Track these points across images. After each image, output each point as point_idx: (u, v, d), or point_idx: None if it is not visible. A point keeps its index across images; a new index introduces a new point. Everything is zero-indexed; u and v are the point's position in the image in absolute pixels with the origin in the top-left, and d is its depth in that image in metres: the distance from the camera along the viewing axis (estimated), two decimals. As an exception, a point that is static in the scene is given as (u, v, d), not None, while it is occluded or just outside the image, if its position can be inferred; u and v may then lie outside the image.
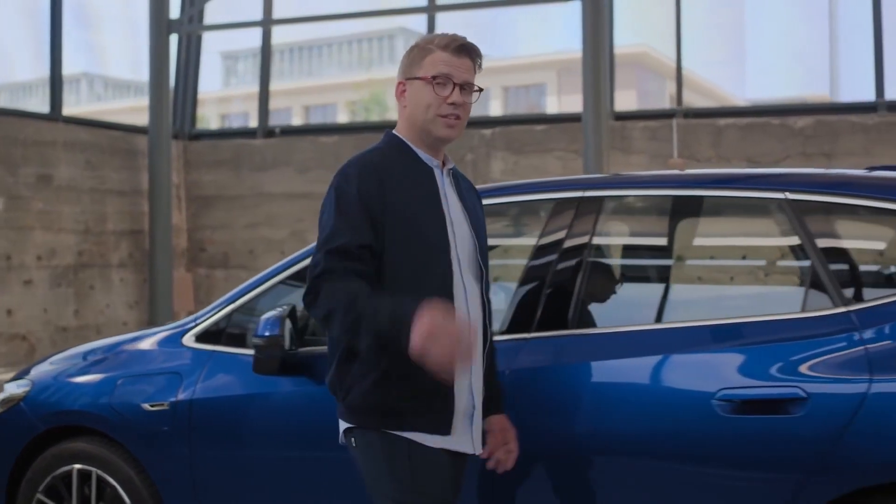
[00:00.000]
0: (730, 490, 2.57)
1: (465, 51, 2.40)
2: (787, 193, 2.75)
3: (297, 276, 3.24)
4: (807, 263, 2.70)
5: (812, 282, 2.67)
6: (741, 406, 2.53)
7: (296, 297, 3.13)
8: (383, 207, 2.29)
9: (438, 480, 2.33)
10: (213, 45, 12.04)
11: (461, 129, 2.41)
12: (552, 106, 37.55)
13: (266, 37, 12.68)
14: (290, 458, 3.10)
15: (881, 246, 3.12)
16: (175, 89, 12.59)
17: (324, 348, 3.05)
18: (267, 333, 2.94)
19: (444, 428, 2.36)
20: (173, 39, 11.91)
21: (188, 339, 3.42)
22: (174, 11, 11.94)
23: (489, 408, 2.58)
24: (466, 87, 2.38)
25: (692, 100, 37.23)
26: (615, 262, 3.25)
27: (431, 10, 12.16)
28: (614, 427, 2.68)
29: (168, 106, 11.69)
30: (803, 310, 2.68)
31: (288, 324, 2.97)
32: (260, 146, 12.50)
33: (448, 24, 12.58)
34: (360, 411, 2.38)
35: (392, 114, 23.83)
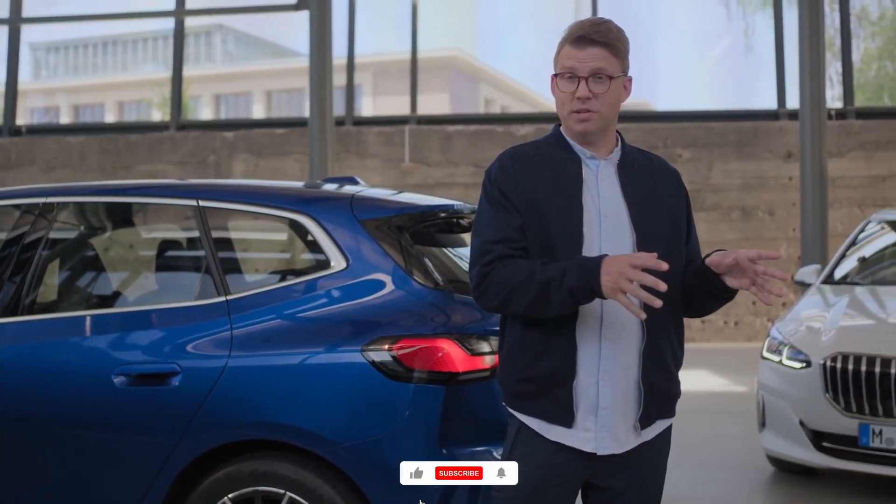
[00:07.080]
0: (126, 451, 3.07)
1: (586, 41, 2.24)
2: (199, 201, 3.28)
3: None
4: (204, 261, 3.24)
5: (205, 276, 3.22)
6: (134, 379, 3.04)
7: None
8: (517, 197, 2.26)
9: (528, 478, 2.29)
10: (25, 37, 12.02)
11: (601, 121, 2.27)
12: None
13: (14, 34, 12.65)
14: None
15: (262, 245, 3.74)
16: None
17: None
18: None
19: (565, 419, 2.26)
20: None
21: None
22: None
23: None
24: (597, 77, 2.23)
25: (511, 104, 38.29)
26: (65, 258, 3.72)
27: (179, 14, 12.45)
28: (40, 398, 3.16)
29: None
30: (196, 298, 3.23)
31: None
32: (5, 145, 12.45)
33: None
34: (502, 389, 2.38)
35: (190, 111, 23.80)
